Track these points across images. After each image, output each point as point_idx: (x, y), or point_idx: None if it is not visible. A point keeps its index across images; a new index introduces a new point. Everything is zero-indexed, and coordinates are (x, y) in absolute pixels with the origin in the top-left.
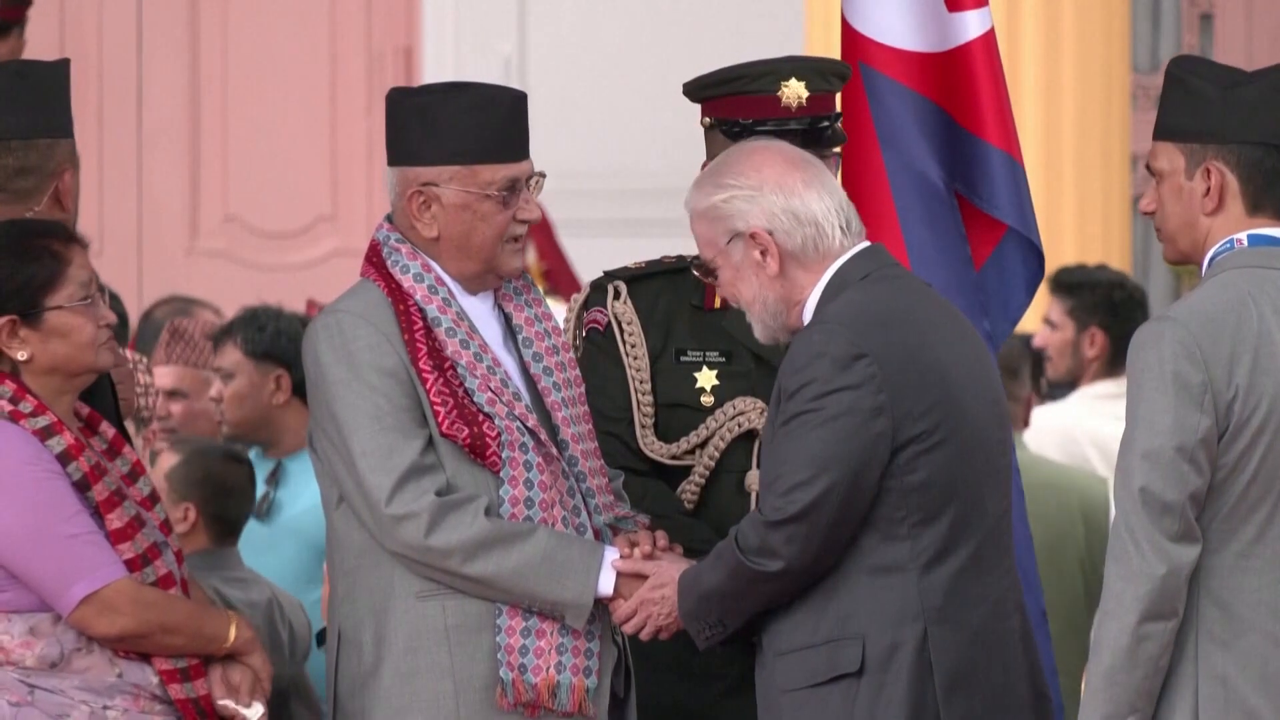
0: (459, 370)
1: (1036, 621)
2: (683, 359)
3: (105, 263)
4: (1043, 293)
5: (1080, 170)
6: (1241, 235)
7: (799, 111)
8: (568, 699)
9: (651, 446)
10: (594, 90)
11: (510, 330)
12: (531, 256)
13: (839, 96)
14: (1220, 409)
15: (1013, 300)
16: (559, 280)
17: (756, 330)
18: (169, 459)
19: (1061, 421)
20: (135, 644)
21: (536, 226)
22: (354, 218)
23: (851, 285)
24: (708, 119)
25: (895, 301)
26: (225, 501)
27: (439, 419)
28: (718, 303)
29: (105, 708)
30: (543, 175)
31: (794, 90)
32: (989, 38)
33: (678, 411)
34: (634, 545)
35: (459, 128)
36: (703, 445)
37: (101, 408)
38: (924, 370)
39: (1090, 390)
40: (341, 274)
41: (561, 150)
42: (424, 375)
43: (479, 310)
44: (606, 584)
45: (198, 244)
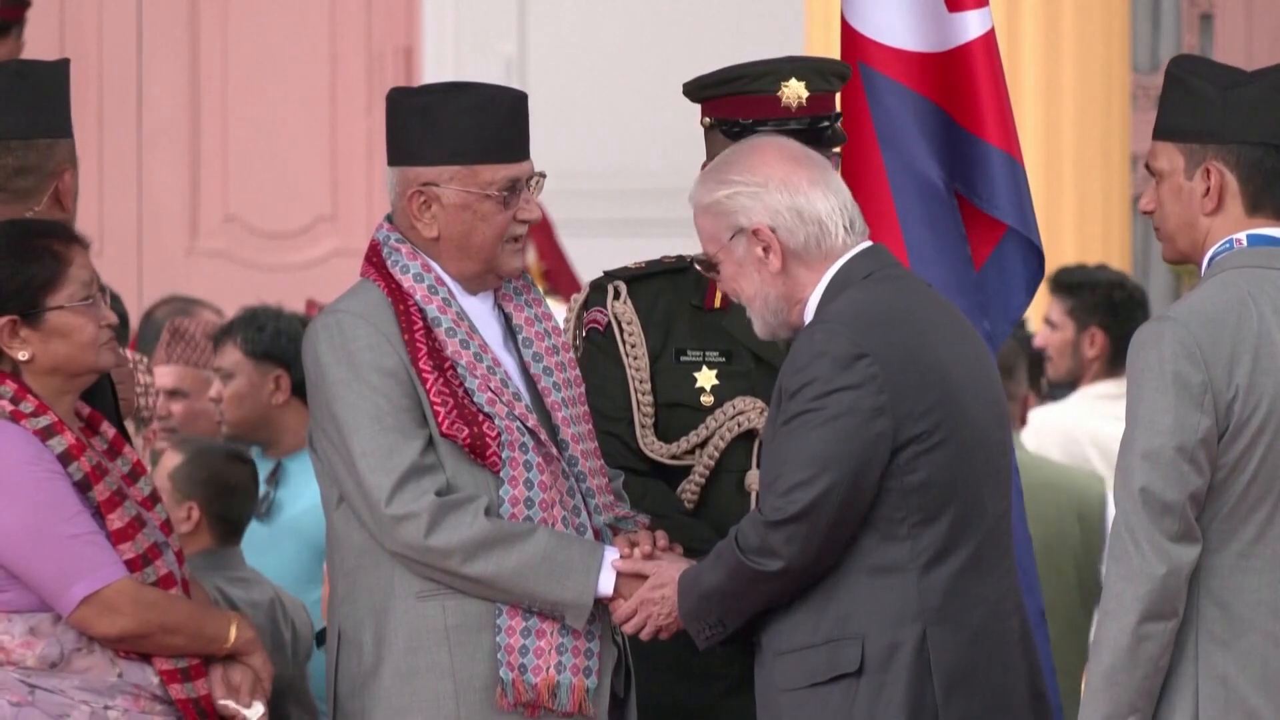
0: (459, 370)
1: (1035, 621)
2: (683, 359)
3: (105, 263)
4: (1043, 292)
5: (1080, 170)
6: (1241, 235)
7: (799, 111)
8: (568, 699)
9: (651, 446)
10: (594, 90)
11: (510, 330)
12: (531, 256)
13: (839, 96)
14: (1220, 409)
15: (1013, 300)
16: (559, 280)
17: (756, 326)
18: (173, 458)
19: (1062, 422)
20: (136, 644)
21: (536, 226)
22: (354, 218)
23: (853, 284)
24: (708, 119)
25: (896, 301)
26: (229, 501)
27: (439, 419)
28: (718, 302)
29: (106, 708)
30: (543, 175)
31: (794, 90)
32: (989, 38)
33: (677, 411)
34: (634, 545)
35: (459, 128)
36: (702, 445)
37: (101, 408)
38: (924, 370)
39: (1091, 390)
40: (341, 274)
41: (561, 150)
42: (424, 375)
43: (479, 310)
44: (606, 584)
45: (198, 244)
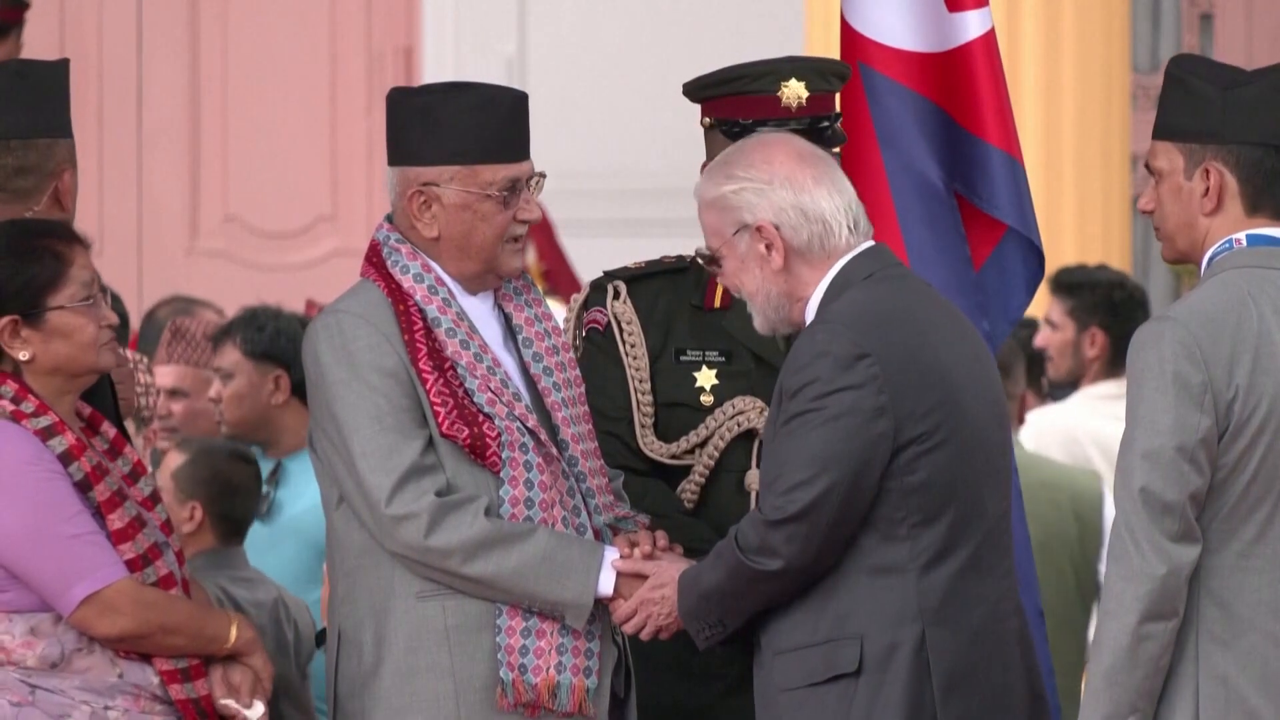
0: (459, 370)
1: (1034, 621)
2: (682, 359)
3: (105, 263)
4: (1043, 292)
5: (1080, 170)
6: (1240, 235)
7: (799, 111)
8: (568, 699)
9: (651, 446)
10: (594, 90)
11: (510, 330)
12: (531, 256)
13: (839, 96)
14: (1220, 409)
15: (1013, 300)
16: (559, 280)
17: (757, 321)
18: (176, 458)
19: (1064, 422)
20: (136, 644)
21: (536, 226)
22: (354, 218)
23: (855, 284)
24: (708, 119)
25: (897, 301)
26: (232, 500)
27: (439, 419)
28: (717, 302)
29: (106, 708)
30: (543, 175)
31: (794, 90)
32: (989, 38)
33: (677, 411)
34: (634, 545)
35: (460, 128)
36: (702, 445)
37: (101, 407)
38: (925, 371)
39: (1092, 391)
40: (341, 274)
41: (561, 150)
42: (424, 375)
43: (479, 310)
44: (606, 584)
45: (198, 244)
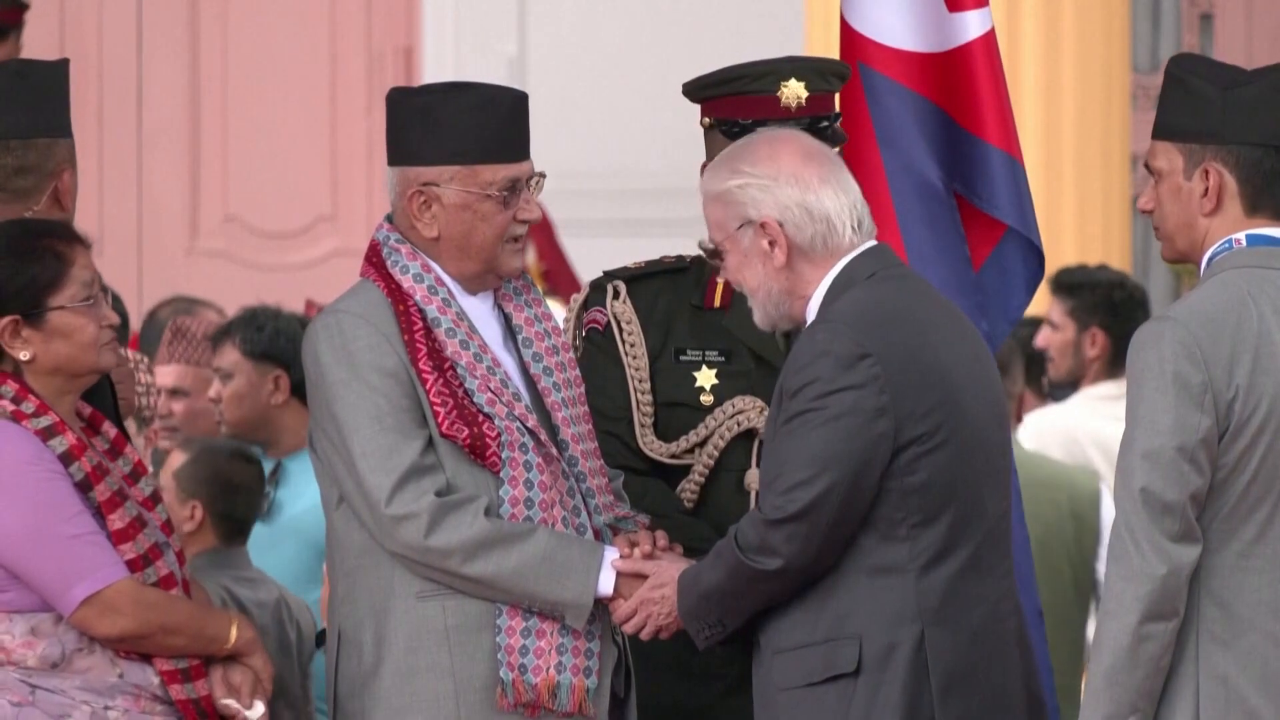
0: (459, 370)
1: (1033, 622)
2: (682, 358)
3: (105, 263)
4: (1043, 292)
5: (1080, 170)
6: (1240, 235)
7: (798, 111)
8: (568, 699)
9: (651, 446)
10: (594, 90)
11: (510, 330)
12: (531, 256)
13: (838, 96)
14: (1220, 409)
15: (1013, 300)
16: (559, 280)
17: (756, 316)
18: (179, 458)
19: (1064, 423)
20: (136, 644)
21: (536, 226)
22: (354, 218)
23: (857, 284)
24: (707, 119)
25: (898, 301)
26: (232, 500)
27: (439, 419)
28: (717, 302)
29: (106, 708)
30: (543, 175)
31: (793, 90)
32: (989, 38)
33: (677, 411)
34: (634, 545)
35: (460, 128)
36: (702, 444)
37: (101, 407)
38: (926, 371)
39: (1092, 392)
40: (341, 274)
41: (561, 150)
42: (424, 376)
43: (479, 310)
44: (606, 584)
45: (198, 244)
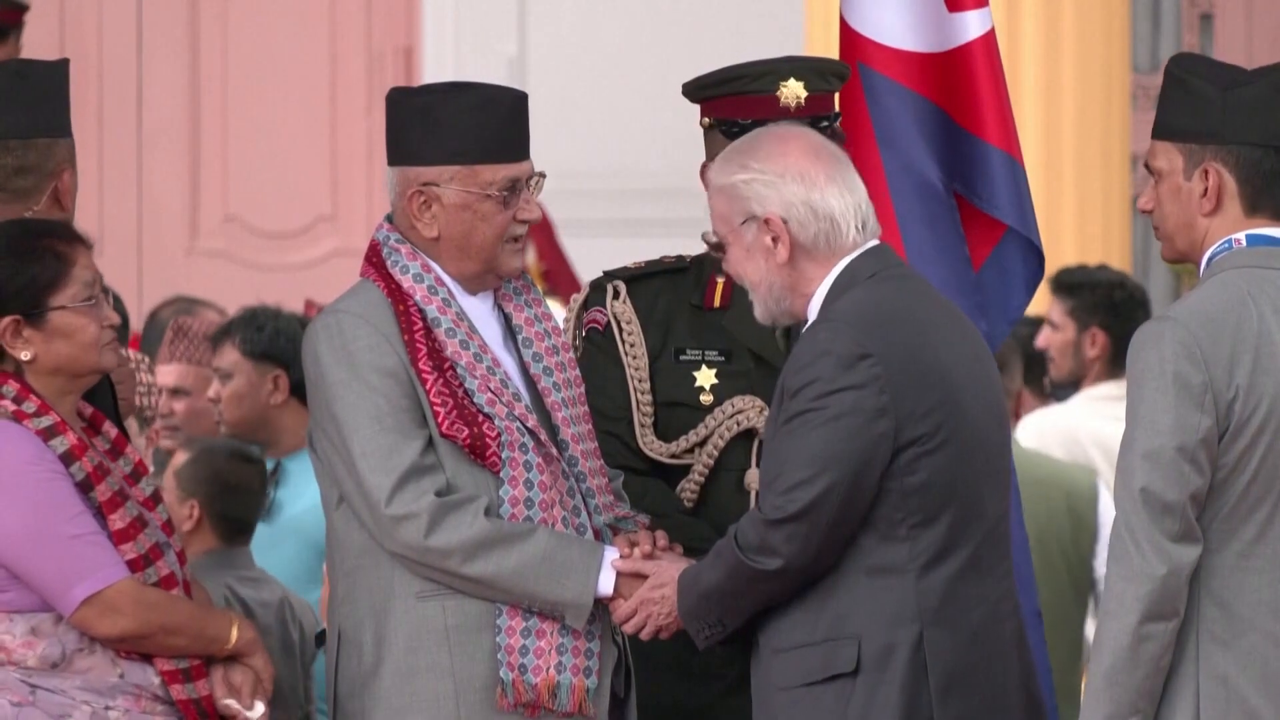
0: (459, 371)
1: (1032, 623)
2: (682, 358)
3: (105, 263)
4: (1043, 292)
5: (1080, 170)
6: (1240, 235)
7: (798, 111)
8: (568, 699)
9: (651, 446)
10: (594, 90)
11: (510, 330)
12: (531, 256)
13: (838, 96)
14: (1221, 409)
15: (1012, 300)
16: (559, 280)
17: (757, 310)
18: (180, 457)
19: (1065, 423)
20: (137, 644)
21: (536, 226)
22: (354, 218)
23: (858, 283)
24: (707, 119)
25: (899, 301)
26: (231, 500)
27: (439, 419)
28: (717, 302)
29: (107, 708)
30: (543, 175)
31: (793, 90)
32: (989, 38)
33: (677, 410)
34: (634, 545)
35: (460, 128)
36: (702, 444)
37: (101, 407)
38: (926, 371)
39: (1093, 392)
40: (341, 274)
41: (561, 150)
42: (424, 376)
43: (479, 310)
44: (606, 584)
45: (198, 244)
